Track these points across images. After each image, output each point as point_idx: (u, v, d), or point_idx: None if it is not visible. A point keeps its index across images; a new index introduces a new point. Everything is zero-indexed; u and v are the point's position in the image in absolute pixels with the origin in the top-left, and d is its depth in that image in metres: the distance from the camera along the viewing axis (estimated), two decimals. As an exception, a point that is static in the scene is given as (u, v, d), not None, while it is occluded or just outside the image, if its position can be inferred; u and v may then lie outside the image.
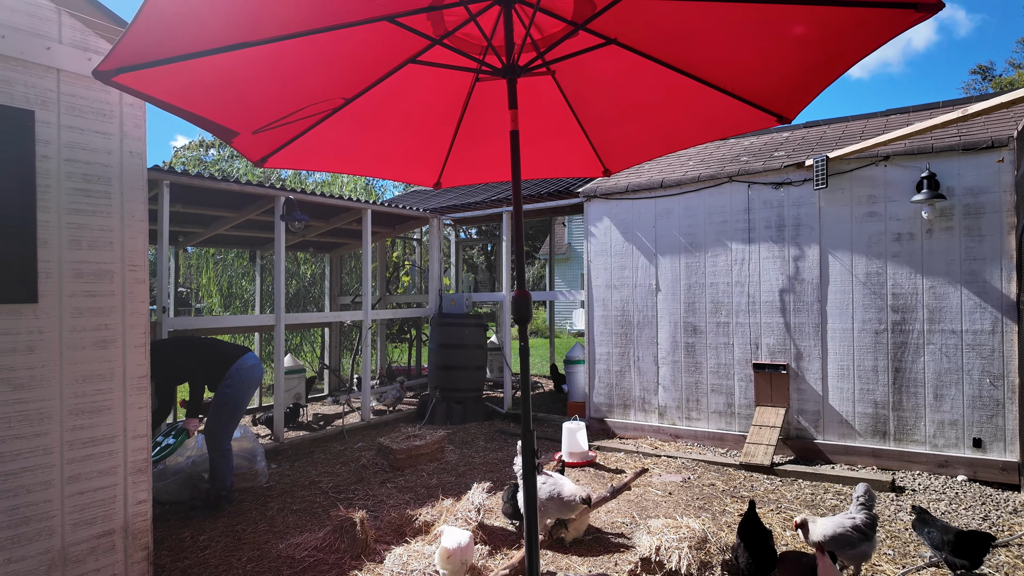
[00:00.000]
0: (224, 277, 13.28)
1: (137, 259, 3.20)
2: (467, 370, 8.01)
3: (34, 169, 2.84)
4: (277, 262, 6.81)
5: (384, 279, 11.15)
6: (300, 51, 2.59)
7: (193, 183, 5.92)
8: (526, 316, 2.49)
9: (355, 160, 3.67)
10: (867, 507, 3.33)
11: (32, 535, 2.78)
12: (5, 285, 2.74)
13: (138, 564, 3.15)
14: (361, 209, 7.93)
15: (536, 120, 3.41)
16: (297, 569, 3.63)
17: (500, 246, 11.82)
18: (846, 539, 3.21)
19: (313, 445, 6.86)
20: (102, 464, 3.04)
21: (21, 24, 2.81)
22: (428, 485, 5.23)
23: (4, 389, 2.72)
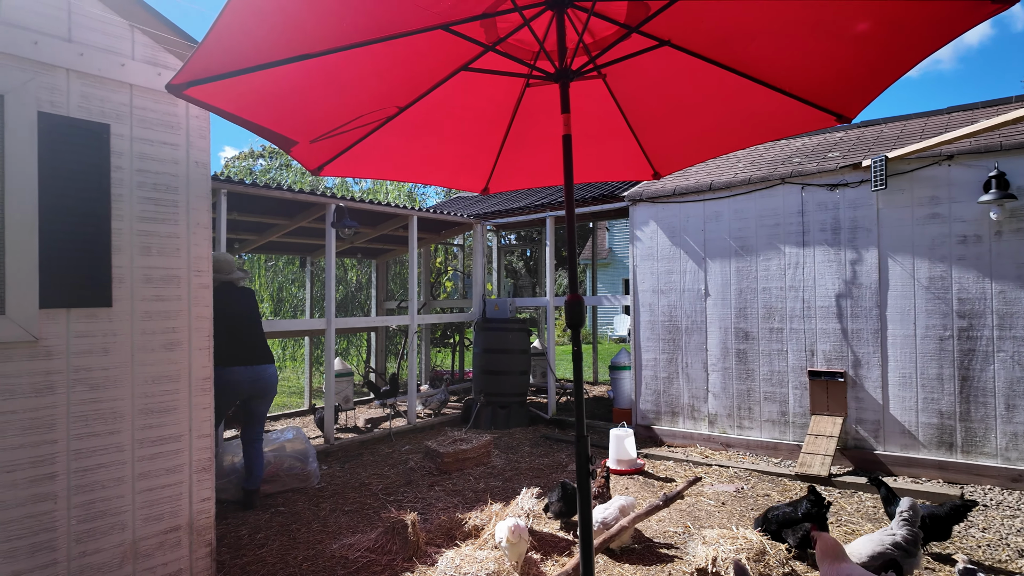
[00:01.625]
0: (275, 283, 13.69)
1: (202, 265, 3.34)
2: (511, 375, 8.01)
3: (109, 179, 2.99)
4: (328, 268, 6.98)
5: (428, 284, 11.29)
6: (357, 62, 2.65)
7: (249, 191, 6.13)
8: (579, 321, 2.48)
9: (406, 167, 3.72)
10: (910, 523, 3.17)
11: (106, 529, 2.92)
12: (83, 290, 2.89)
13: (202, 560, 3.26)
14: (407, 215, 8.05)
15: (584, 123, 3.40)
16: (351, 569, 3.69)
17: (541, 251, 11.82)
18: (884, 557, 3.07)
19: (362, 447, 6.98)
20: (169, 462, 3.17)
21: (98, 42, 2.97)
22: (476, 489, 5.25)
23: (81, 389, 2.87)
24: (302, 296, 13.38)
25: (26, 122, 2.72)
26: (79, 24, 2.91)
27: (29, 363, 2.71)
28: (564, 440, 7.02)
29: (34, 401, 2.72)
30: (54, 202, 2.79)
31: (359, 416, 8.84)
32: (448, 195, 23.32)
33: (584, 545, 2.34)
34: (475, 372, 8.38)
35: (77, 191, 2.88)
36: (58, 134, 2.82)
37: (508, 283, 23.61)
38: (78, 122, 2.90)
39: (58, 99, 2.84)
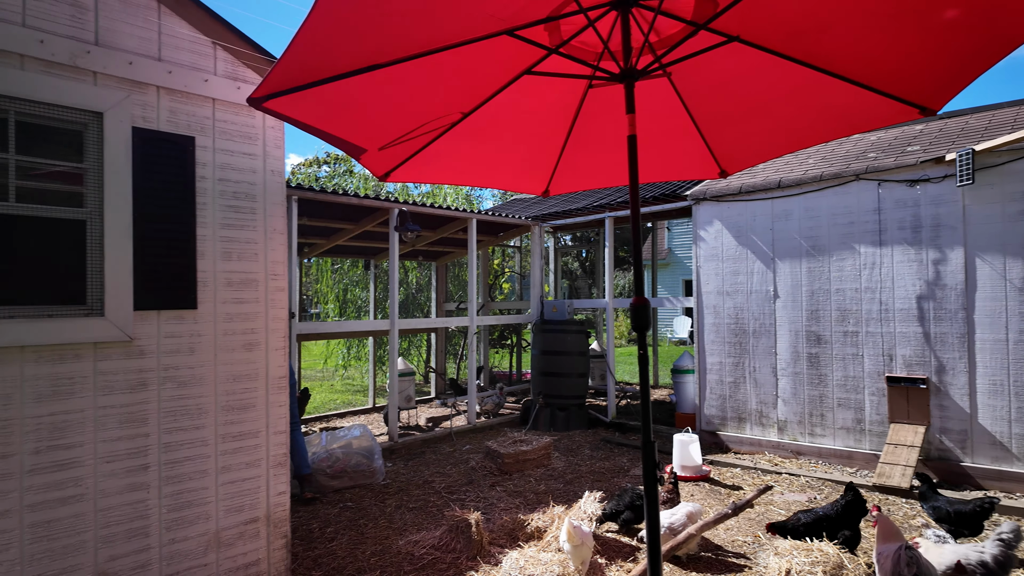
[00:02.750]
0: (340, 285, 14.16)
1: (278, 269, 3.50)
2: (570, 377, 7.98)
3: (194, 189, 3.18)
4: (391, 270, 7.16)
5: (486, 286, 11.40)
6: (423, 70, 2.71)
7: (318, 198, 6.37)
8: (644, 324, 2.45)
9: (468, 171, 3.78)
10: (1007, 544, 2.94)
11: (193, 518, 3.10)
12: (172, 293, 3.09)
13: (278, 551, 3.42)
14: (467, 218, 8.16)
15: (648, 123, 3.35)
16: (417, 566, 3.78)
17: (598, 252, 11.72)
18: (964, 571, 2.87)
19: (424, 446, 7.12)
20: (249, 456, 3.33)
21: (184, 60, 3.17)
22: (537, 491, 5.26)
23: (170, 386, 3.07)
24: (365, 297, 13.78)
25: (122, 137, 2.93)
26: (168, 44, 3.11)
27: (125, 361, 2.92)
28: (625, 444, 6.93)
29: (129, 397, 2.93)
30: (146, 211, 2.99)
31: (420, 415, 9.02)
32: (504, 198, 23.47)
33: (652, 552, 2.31)
34: (533, 374, 8.39)
35: (166, 200, 3.08)
36: (149, 147, 3.03)
37: (564, 284, 23.52)
38: (167, 135, 3.10)
39: (149, 114, 3.04)
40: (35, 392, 2.66)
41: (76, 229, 2.83)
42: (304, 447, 5.35)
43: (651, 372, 12.09)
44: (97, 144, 2.88)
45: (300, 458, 5.21)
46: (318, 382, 13.65)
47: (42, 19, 2.73)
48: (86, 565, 2.76)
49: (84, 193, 2.86)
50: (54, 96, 2.74)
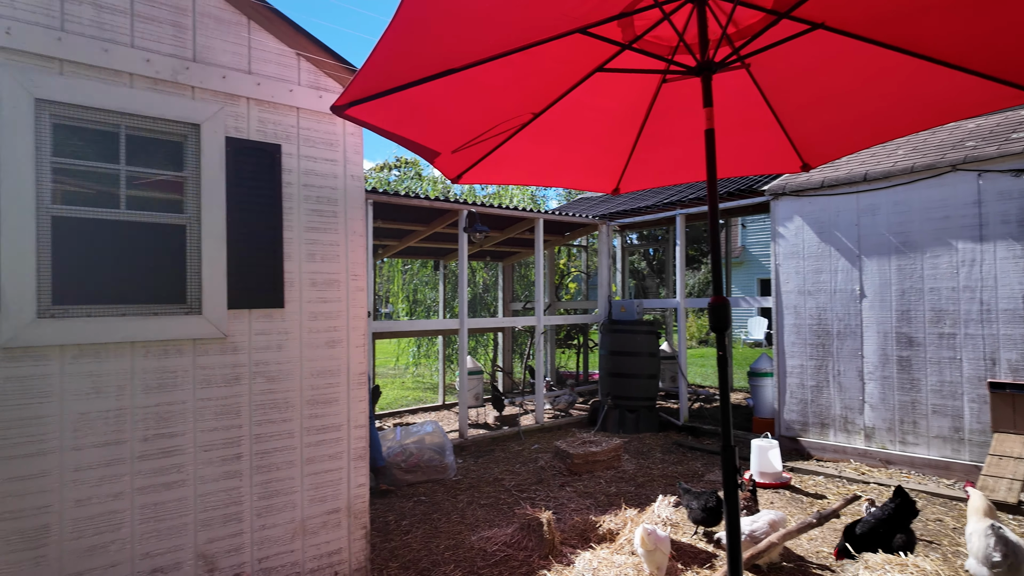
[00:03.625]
0: (410, 285, 14.54)
1: (358, 269, 3.63)
2: (639, 378, 7.85)
3: (281, 194, 3.36)
4: (460, 270, 7.29)
5: (552, 286, 11.39)
6: (496, 73, 2.74)
7: (392, 201, 6.58)
8: (724, 324, 2.38)
9: (538, 171, 3.79)
10: None
11: (280, 506, 3.28)
12: (262, 293, 3.27)
13: (358, 541, 3.55)
14: (534, 218, 8.19)
15: (725, 116, 3.25)
16: (490, 562, 3.83)
17: (668, 250, 11.46)
18: None
19: (493, 443, 7.20)
20: (331, 449, 3.49)
21: (272, 72, 3.35)
22: (607, 493, 5.21)
23: (260, 381, 3.25)
24: (434, 297, 14.08)
25: (217, 146, 3.13)
26: (257, 57, 3.30)
27: (220, 357, 3.12)
28: (699, 448, 6.74)
29: (224, 390, 3.13)
30: (238, 216, 3.19)
31: (488, 413, 9.12)
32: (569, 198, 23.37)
33: (732, 559, 2.24)
34: (601, 374, 8.31)
35: (256, 205, 3.26)
36: (241, 155, 3.22)
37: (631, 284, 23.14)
38: (256, 144, 3.28)
39: (240, 124, 3.24)
40: (144, 384, 2.89)
41: (177, 233, 3.05)
42: (379, 441, 5.53)
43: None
44: (195, 154, 3.09)
45: (375, 451, 5.39)
46: (389, 379, 14.07)
47: (148, 40, 2.96)
48: (187, 546, 2.97)
49: (184, 200, 3.08)
50: (158, 110, 2.96)
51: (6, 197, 2.55)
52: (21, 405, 2.59)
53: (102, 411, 2.77)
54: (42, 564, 2.60)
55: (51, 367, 2.66)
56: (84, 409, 2.73)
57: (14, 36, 2.59)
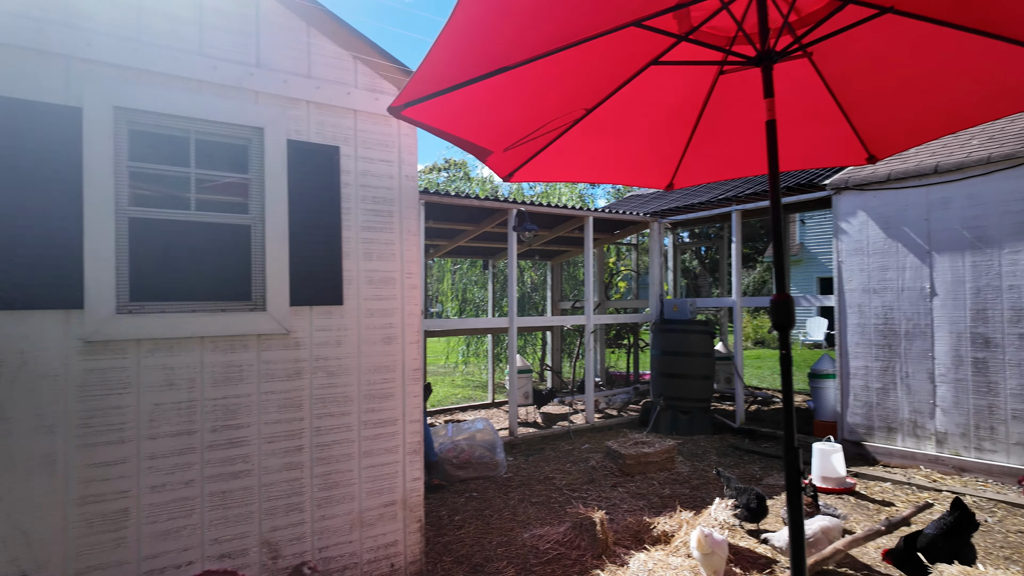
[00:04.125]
0: (459, 284, 14.70)
1: (412, 268, 3.70)
2: (693, 379, 7.68)
3: (339, 195, 3.45)
4: (510, 269, 7.32)
5: (602, 285, 11.28)
6: (547, 69, 2.73)
7: (443, 201, 6.66)
8: (788, 321, 2.29)
9: (590, 168, 3.75)
10: None
11: (339, 498, 3.37)
12: (321, 291, 3.37)
13: (413, 534, 3.62)
14: (583, 216, 8.13)
15: (785, 108, 3.14)
16: (542, 560, 3.83)
17: (722, 248, 11.17)
18: None
19: (543, 442, 7.19)
20: (387, 443, 3.56)
21: (330, 76, 3.45)
22: (661, 494, 5.13)
23: (321, 375, 3.35)
24: (483, 296, 14.18)
25: (279, 149, 3.24)
26: (316, 61, 3.41)
27: (283, 352, 3.24)
28: (756, 452, 6.54)
29: (287, 384, 3.24)
30: (299, 216, 3.30)
31: (537, 412, 9.12)
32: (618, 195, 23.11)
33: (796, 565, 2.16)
34: (653, 375, 8.18)
35: (315, 205, 3.36)
36: (301, 157, 3.33)
37: (683, 284, 22.67)
38: (316, 146, 3.39)
39: (301, 127, 3.34)
40: (212, 377, 3.03)
41: (242, 233, 3.18)
42: (431, 436, 5.62)
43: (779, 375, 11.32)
44: (259, 156, 3.21)
45: (427, 447, 5.47)
46: (439, 377, 14.25)
47: (215, 48, 3.09)
48: (252, 533, 3.09)
49: (248, 201, 3.21)
50: (225, 115, 3.09)
51: (89, 200, 2.72)
52: (102, 395, 2.75)
53: (175, 402, 2.92)
54: (122, 545, 2.76)
55: (128, 360, 2.82)
56: (158, 400, 2.88)
57: (95, 48, 2.76)
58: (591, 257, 8.11)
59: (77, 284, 2.69)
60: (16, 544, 2.54)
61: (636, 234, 11.51)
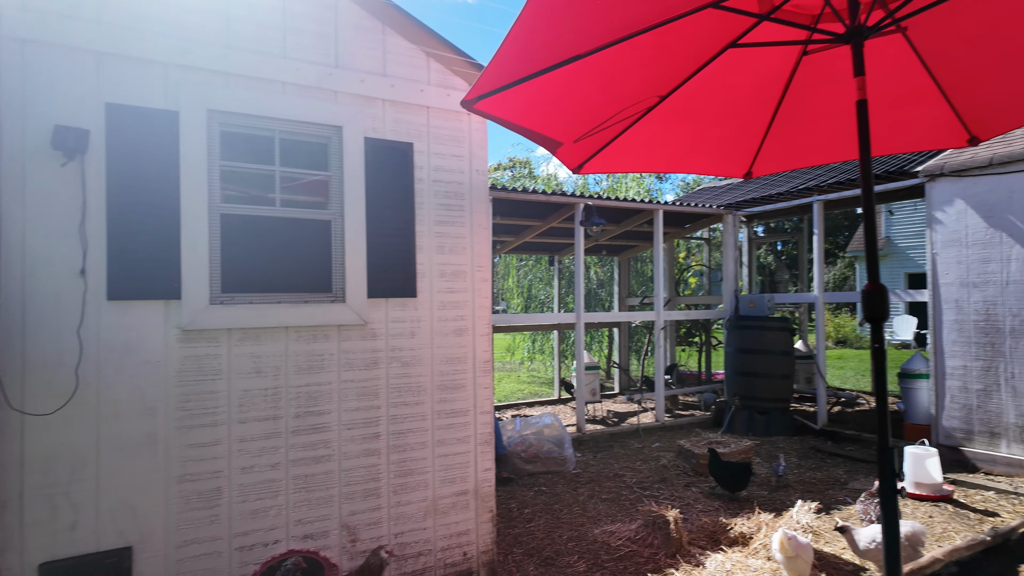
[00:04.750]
0: (525, 281, 14.74)
1: (483, 261, 3.73)
2: (771, 378, 7.36)
3: (413, 190, 3.53)
4: (576, 264, 7.26)
5: (672, 280, 10.99)
6: (620, 56, 2.67)
7: (510, 196, 6.69)
8: (881, 313, 2.15)
9: (663, 157, 3.66)
10: None
11: (414, 485, 3.45)
12: (396, 283, 3.46)
13: (485, 524, 3.66)
14: (653, 210, 7.96)
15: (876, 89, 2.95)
16: (614, 556, 3.78)
17: (801, 241, 10.63)
18: None
19: (611, 440, 7.10)
20: (459, 433, 3.62)
21: (404, 74, 3.53)
22: (737, 496, 4.94)
23: (396, 365, 3.44)
24: (548, 293, 14.16)
25: (357, 147, 3.35)
26: (391, 60, 3.49)
27: (361, 342, 3.35)
28: (840, 455, 6.20)
29: (365, 373, 3.35)
30: (375, 212, 3.39)
31: (605, 410, 9.02)
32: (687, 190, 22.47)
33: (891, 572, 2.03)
34: (728, 373, 7.91)
35: (390, 201, 3.46)
36: (377, 155, 3.42)
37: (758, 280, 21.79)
38: (391, 143, 3.48)
39: (377, 125, 3.44)
40: (296, 366, 3.17)
41: (323, 228, 3.31)
42: (499, 429, 5.66)
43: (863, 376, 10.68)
44: (338, 154, 3.33)
45: (496, 440, 5.52)
46: (504, 373, 14.36)
47: (297, 50, 3.23)
48: (333, 516, 3.22)
49: (328, 197, 3.34)
50: (306, 114, 3.23)
51: (185, 198, 2.91)
52: (197, 381, 2.94)
53: (262, 389, 3.08)
54: (215, 523, 2.94)
55: (220, 348, 3.00)
56: (247, 387, 3.05)
57: (190, 55, 2.94)
58: (660, 251, 7.93)
59: (175, 277, 2.88)
60: (124, 517, 2.76)
61: (707, 228, 11.16)
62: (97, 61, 2.75)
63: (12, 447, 2.54)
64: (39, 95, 2.63)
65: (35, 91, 2.63)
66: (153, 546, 2.80)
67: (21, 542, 2.56)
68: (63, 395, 2.63)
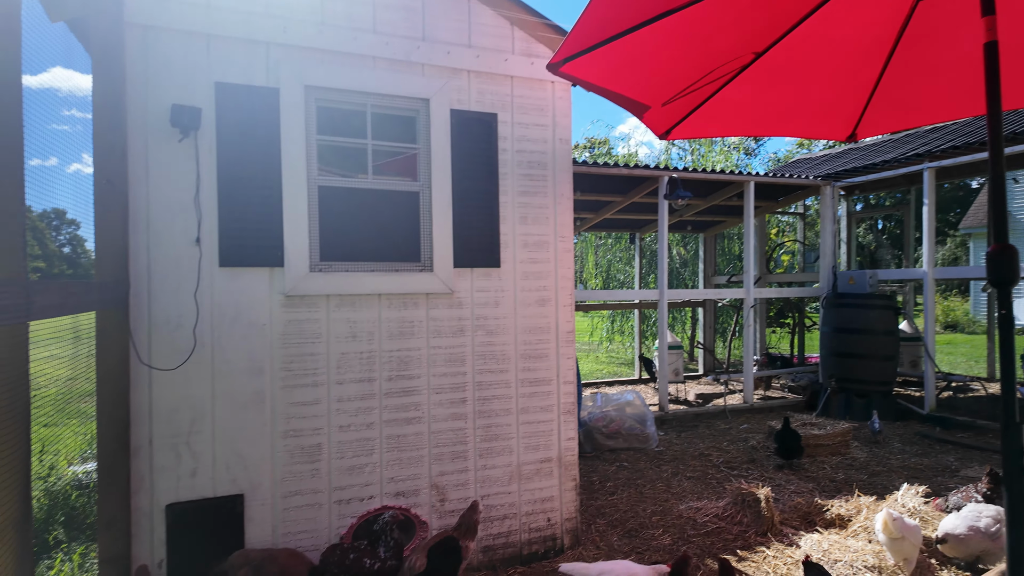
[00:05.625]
0: (604, 260, 14.55)
1: (565, 231, 3.72)
2: (872, 359, 6.90)
3: (497, 160, 3.55)
4: (660, 239, 7.08)
5: (763, 258, 10.47)
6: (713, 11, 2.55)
7: (591, 171, 6.60)
8: (1009, 275, 1.95)
9: (757, 120, 3.48)
10: None
11: (499, 450, 3.53)
12: (481, 253, 3.51)
13: (569, 492, 3.69)
14: (743, 181, 7.59)
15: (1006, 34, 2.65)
16: (701, 531, 3.70)
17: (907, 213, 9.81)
18: None
19: (696, 420, 6.93)
20: (542, 402, 3.65)
21: (489, 44, 3.54)
22: (833, 479, 4.70)
23: (481, 334, 3.51)
24: (628, 273, 13.91)
25: (443, 118, 3.41)
26: (476, 31, 3.51)
27: (448, 311, 3.43)
28: (950, 441, 5.73)
29: (452, 340, 3.44)
30: (461, 183, 3.45)
31: (689, 391, 8.80)
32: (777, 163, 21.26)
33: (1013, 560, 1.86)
34: (823, 354, 7.48)
35: (475, 171, 3.50)
36: (463, 126, 3.47)
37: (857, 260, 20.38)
38: (475, 114, 3.51)
39: (463, 96, 3.48)
40: (388, 331, 3.30)
41: (412, 200, 3.41)
42: (580, 403, 5.66)
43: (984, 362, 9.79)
44: (425, 127, 3.40)
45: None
46: (583, 353, 14.31)
47: (386, 25, 3.31)
48: (423, 476, 3.35)
49: (417, 169, 3.42)
50: (395, 88, 3.31)
51: (286, 171, 3.07)
52: (299, 344, 3.13)
53: (357, 352, 3.24)
54: (316, 476, 3.14)
55: (320, 313, 3.17)
56: (344, 350, 3.21)
57: (289, 33, 3.09)
58: (751, 225, 7.57)
59: (278, 245, 3.07)
60: (236, 467, 3.00)
61: (801, 202, 10.53)
62: (207, 43, 2.95)
63: (142, 398, 2.82)
64: (158, 76, 2.86)
65: (155, 73, 2.85)
66: (262, 495, 3.03)
67: (151, 484, 2.84)
68: (183, 353, 2.88)
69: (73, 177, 3.08)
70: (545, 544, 3.61)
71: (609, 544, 3.64)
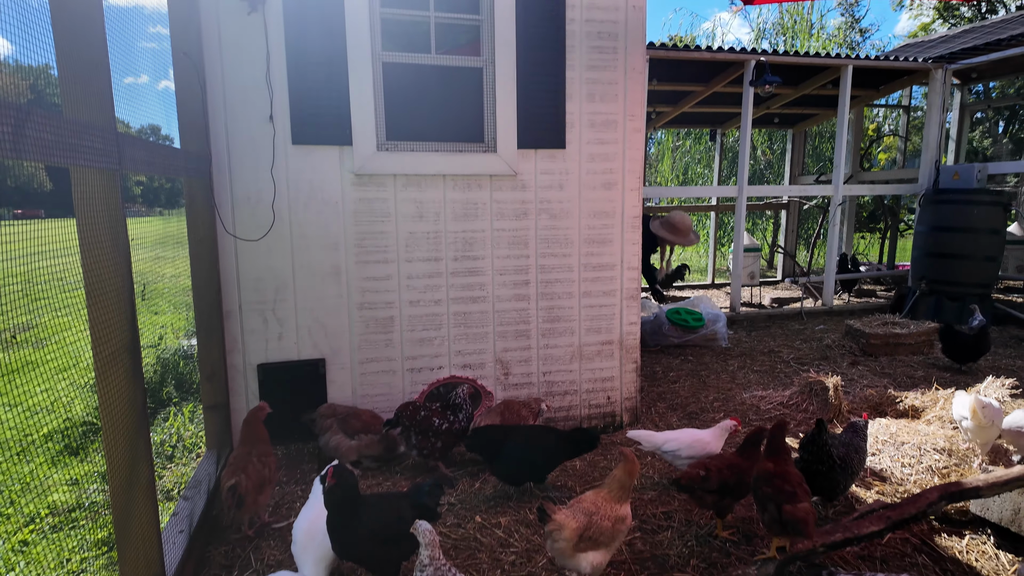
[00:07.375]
0: (681, 163, 13.88)
1: (636, 109, 3.55)
2: (971, 259, 6.36)
3: (564, 32, 3.37)
4: (743, 130, 6.63)
5: (857, 154, 9.62)
6: None
7: (670, 56, 6.16)
8: None
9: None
10: None
11: (560, 331, 3.61)
12: (546, 134, 3.43)
13: (629, 373, 3.76)
14: (840, 65, 6.86)
15: None
16: (763, 418, 3.72)
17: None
18: None
19: (768, 321, 6.77)
20: (604, 286, 3.66)
21: (556, -98, 3.26)
22: (911, 375, 4.53)
23: (544, 217, 3.51)
24: (707, 176, 13.22)
25: (507, -12, 3.24)
26: None
27: (511, 192, 3.43)
28: (1051, 346, 5.34)
29: (515, 223, 3.46)
30: (526, 57, 3.32)
31: (764, 295, 8.54)
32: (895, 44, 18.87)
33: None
34: (915, 255, 6.97)
35: (541, 46, 3.34)
36: (527, -4, 3.28)
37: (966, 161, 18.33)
38: (541, -18, 3.30)
39: (527, -37, 3.27)
40: (453, 212, 3.36)
41: (475, 76, 3.33)
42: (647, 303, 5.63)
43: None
44: (488, -3, 3.25)
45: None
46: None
47: None
48: (488, 351, 3.51)
49: (480, 43, 3.32)
50: (457, -44, 3.15)
51: (351, 46, 3.06)
52: (370, 222, 3.25)
53: (424, 232, 3.33)
54: (390, 346, 3.36)
55: (387, 192, 3.25)
56: (412, 229, 3.31)
57: (348, -102, 2.96)
58: (846, 117, 6.92)
59: (346, 124, 3.12)
60: (318, 333, 3.25)
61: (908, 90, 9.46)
62: (267, -89, 2.89)
63: (230, 265, 3.06)
64: (223, -51, 2.86)
65: (220, -55, 2.85)
66: (341, 360, 3.29)
67: (243, 345, 3.14)
68: (263, 227, 3.07)
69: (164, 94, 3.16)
70: (604, 420, 3.75)
71: (668, 424, 3.73)
